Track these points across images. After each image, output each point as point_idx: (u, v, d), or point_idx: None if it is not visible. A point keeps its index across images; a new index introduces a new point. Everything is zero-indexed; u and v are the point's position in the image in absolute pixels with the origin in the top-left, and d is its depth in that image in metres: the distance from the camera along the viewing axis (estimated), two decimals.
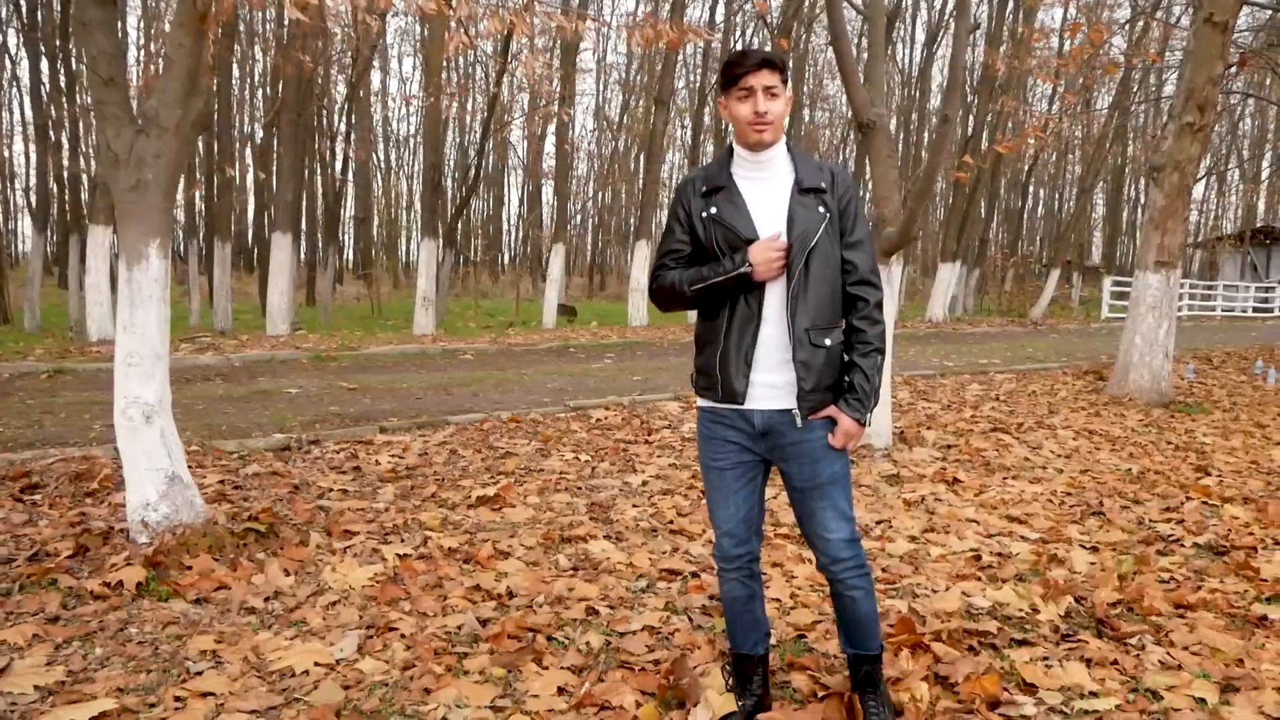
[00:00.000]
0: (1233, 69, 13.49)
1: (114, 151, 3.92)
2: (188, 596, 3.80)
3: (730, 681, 3.15)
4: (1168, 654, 3.51)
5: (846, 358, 2.80)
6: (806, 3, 23.15)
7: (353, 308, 28.09)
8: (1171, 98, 23.90)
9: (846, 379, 2.79)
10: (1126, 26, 22.15)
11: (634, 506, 5.37)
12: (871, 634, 2.94)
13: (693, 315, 21.23)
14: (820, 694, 3.16)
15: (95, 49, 3.93)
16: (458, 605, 3.86)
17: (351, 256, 45.12)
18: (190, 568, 3.96)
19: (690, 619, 3.80)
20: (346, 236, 41.54)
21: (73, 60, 16.94)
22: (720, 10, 26.16)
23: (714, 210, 2.77)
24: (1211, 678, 3.32)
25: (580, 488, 5.77)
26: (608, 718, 2.99)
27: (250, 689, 3.10)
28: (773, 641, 3.54)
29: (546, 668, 3.31)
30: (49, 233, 26.82)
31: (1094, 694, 3.19)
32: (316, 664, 3.27)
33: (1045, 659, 3.46)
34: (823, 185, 2.75)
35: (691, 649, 3.48)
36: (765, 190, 2.77)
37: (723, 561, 2.97)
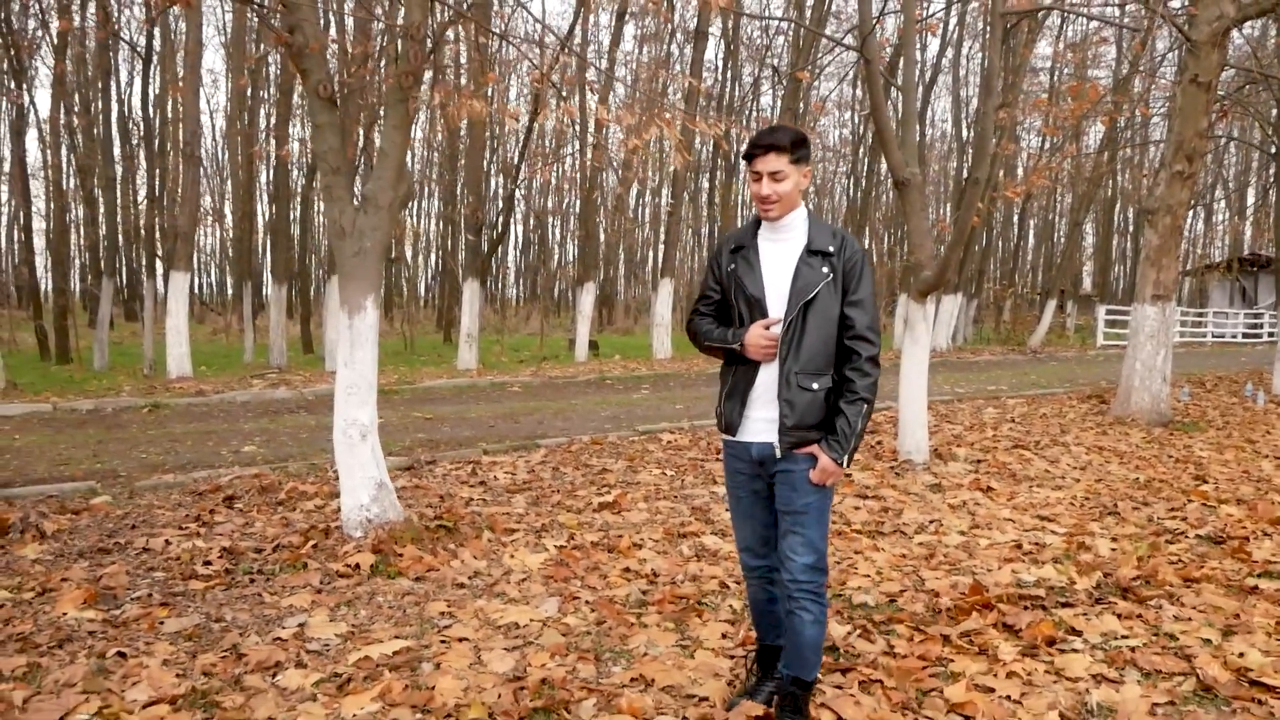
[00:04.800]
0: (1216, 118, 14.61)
1: (340, 225, 4.95)
2: (409, 576, 4.80)
3: (754, 667, 3.58)
4: (1180, 611, 4.52)
5: (836, 403, 3.07)
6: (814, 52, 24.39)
7: (380, 343, 28.95)
8: (1158, 140, 25.15)
9: (834, 422, 3.07)
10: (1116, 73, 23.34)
11: (726, 511, 6.36)
12: (809, 663, 3.17)
13: None
14: (919, 639, 4.15)
15: (325, 145, 4.97)
16: (617, 582, 4.85)
17: None
18: (402, 555, 4.96)
19: None
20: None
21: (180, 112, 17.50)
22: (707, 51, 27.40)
23: (733, 267, 3.19)
24: (1215, 626, 4.32)
25: (677, 496, 6.78)
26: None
27: (491, 636, 4.10)
28: (870, 602, 4.57)
29: (706, 622, 4.31)
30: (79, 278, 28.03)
31: (1125, 636, 4.19)
32: (532, 620, 4.28)
33: (1085, 614, 4.46)
34: (831, 249, 3.08)
35: None
36: (781, 251, 3.15)
37: (745, 571, 3.42)
